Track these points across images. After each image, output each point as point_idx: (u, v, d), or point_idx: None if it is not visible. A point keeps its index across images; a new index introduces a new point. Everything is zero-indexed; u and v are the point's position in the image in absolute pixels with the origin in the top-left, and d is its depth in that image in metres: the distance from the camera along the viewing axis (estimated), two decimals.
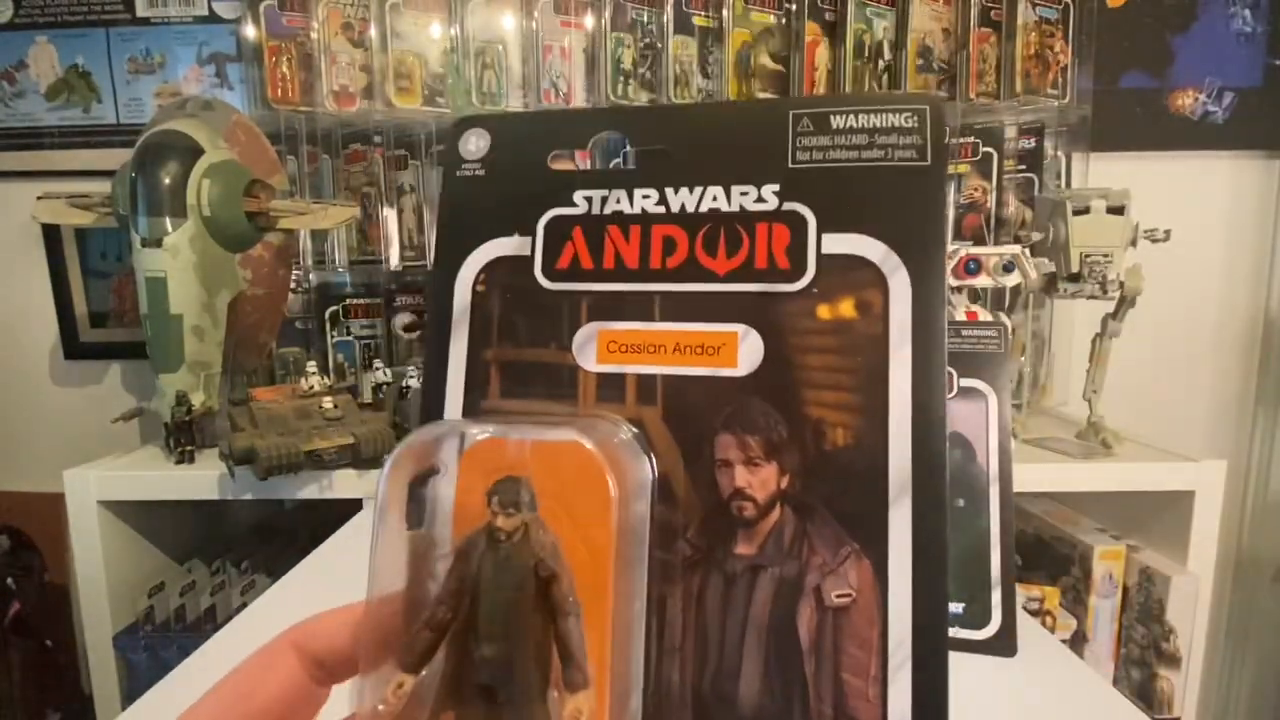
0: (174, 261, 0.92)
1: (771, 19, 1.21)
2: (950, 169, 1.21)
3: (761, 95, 1.21)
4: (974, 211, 1.22)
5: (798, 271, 0.22)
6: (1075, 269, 0.92)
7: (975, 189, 1.22)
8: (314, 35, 1.16)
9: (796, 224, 0.22)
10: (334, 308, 1.24)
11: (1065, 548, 1.01)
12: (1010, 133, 1.23)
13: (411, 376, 1.05)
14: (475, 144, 0.25)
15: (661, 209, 0.23)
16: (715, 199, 0.23)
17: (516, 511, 0.18)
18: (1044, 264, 0.95)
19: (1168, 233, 0.93)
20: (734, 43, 1.19)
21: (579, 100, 1.21)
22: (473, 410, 0.23)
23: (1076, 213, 0.92)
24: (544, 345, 0.23)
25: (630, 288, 0.23)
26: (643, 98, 1.20)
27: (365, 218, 1.22)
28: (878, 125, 0.22)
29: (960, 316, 0.87)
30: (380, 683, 0.18)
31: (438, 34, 1.18)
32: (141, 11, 1.22)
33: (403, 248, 1.24)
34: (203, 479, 0.93)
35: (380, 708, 0.18)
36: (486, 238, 0.24)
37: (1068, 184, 1.24)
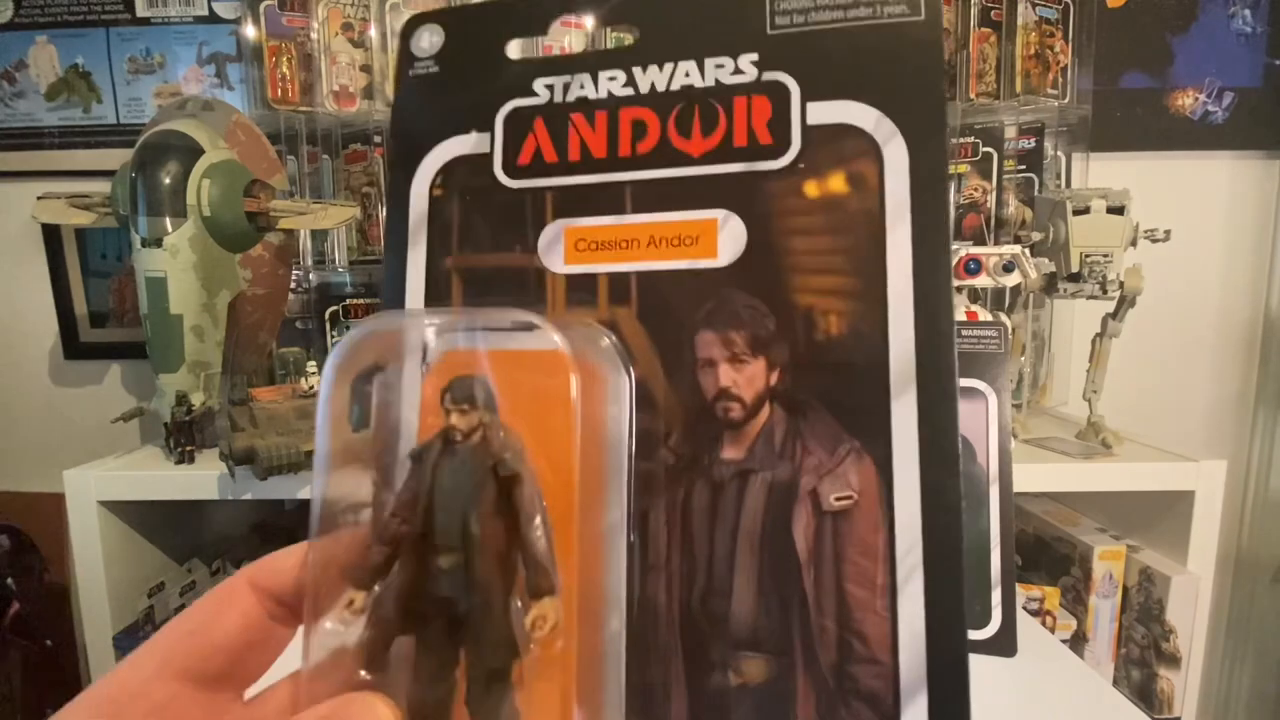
0: (174, 261, 0.92)
1: None
2: (950, 169, 1.21)
3: None
4: (974, 211, 1.22)
5: (781, 146, 0.20)
6: (1075, 269, 0.92)
7: (975, 189, 1.22)
8: (314, 35, 1.16)
9: (778, 95, 0.20)
10: (334, 308, 1.24)
11: (1065, 548, 1.01)
12: (1010, 133, 1.23)
13: None
14: (429, 40, 0.23)
15: (629, 91, 0.21)
16: (688, 75, 0.21)
17: (472, 408, 0.16)
18: (1044, 264, 0.95)
19: (1168, 233, 0.93)
20: None
21: None
22: None
23: (1076, 213, 0.92)
24: (508, 248, 0.21)
25: (598, 179, 0.21)
26: None
27: (365, 218, 1.22)
28: None
29: (960, 316, 0.87)
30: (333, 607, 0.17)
31: None
32: (141, 11, 1.22)
33: None
34: (203, 479, 0.93)
35: (328, 625, 0.16)
36: (442, 138, 0.22)
37: (1068, 184, 1.23)
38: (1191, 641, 0.92)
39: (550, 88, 0.22)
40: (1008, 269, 0.89)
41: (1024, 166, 1.23)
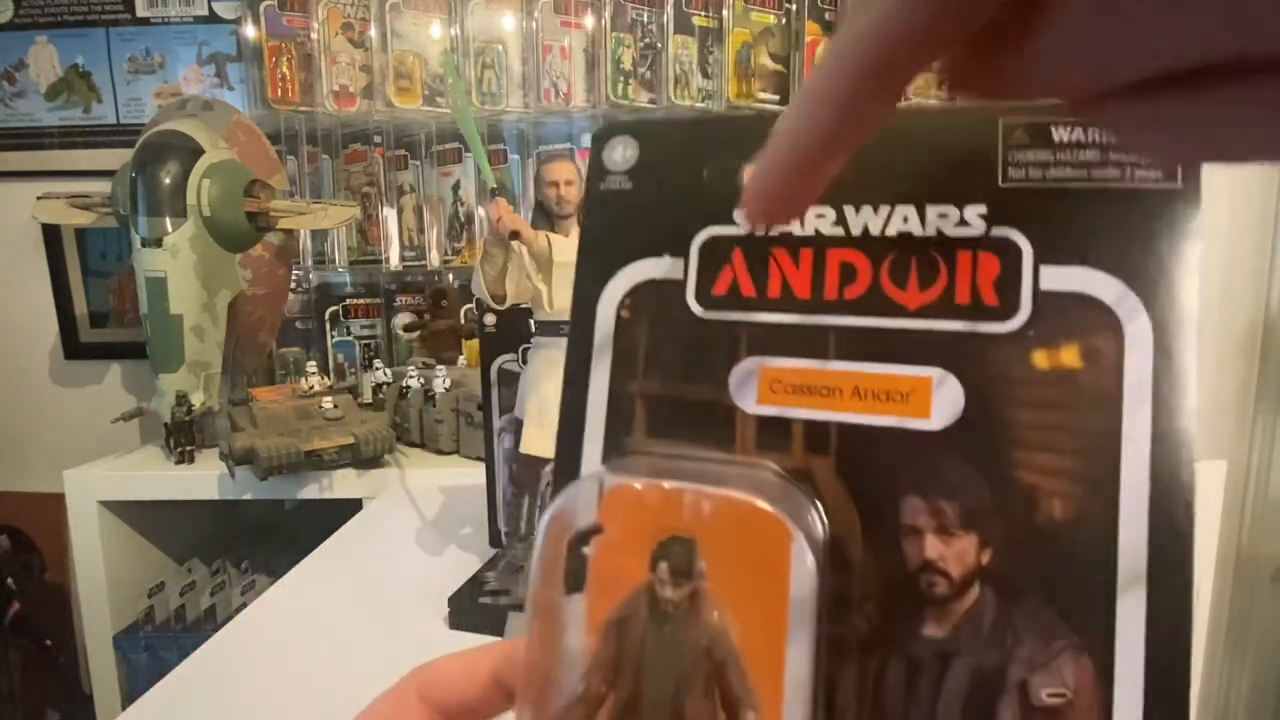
0: (174, 261, 0.92)
1: (771, 19, 1.21)
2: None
3: (962, 102, 1.21)
4: None
5: (1009, 309, 0.18)
6: None
7: None
8: (314, 35, 1.16)
9: (1008, 253, 0.18)
10: (334, 308, 1.24)
11: None
12: None
13: (411, 376, 1.05)
14: (622, 154, 0.22)
15: (839, 230, 0.20)
16: (906, 220, 0.19)
17: (687, 581, 0.16)
18: None
19: None
20: (734, 43, 1.19)
21: (579, 100, 1.21)
22: (615, 448, 0.21)
23: None
24: (696, 381, 0.20)
25: (799, 319, 0.20)
26: (642, 98, 1.20)
27: (365, 218, 1.22)
28: (1113, 139, 0.18)
29: None
30: None
31: (438, 34, 1.19)
32: (141, 11, 1.22)
33: (403, 248, 1.24)
34: (203, 479, 0.93)
35: None
36: (633, 258, 0.21)
37: None
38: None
39: None
40: None
41: None
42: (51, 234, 1.26)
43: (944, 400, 0.18)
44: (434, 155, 1.22)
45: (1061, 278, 0.18)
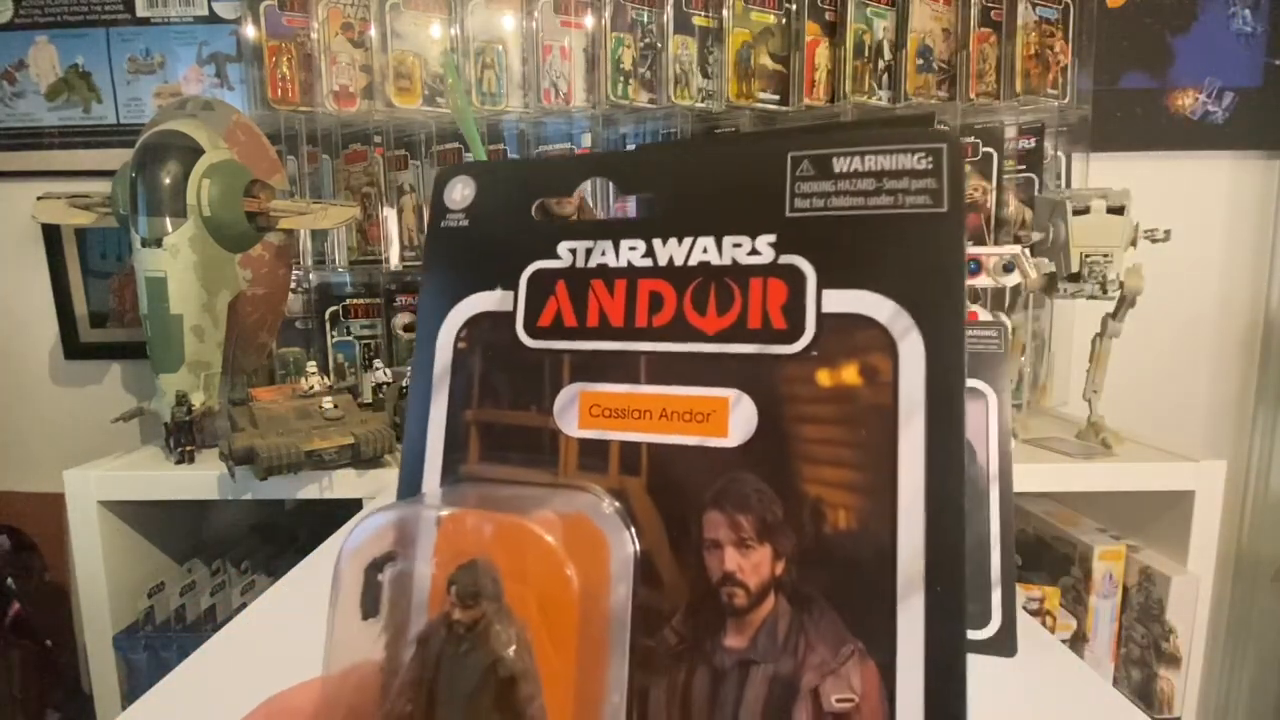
0: (174, 261, 0.92)
1: (771, 19, 1.21)
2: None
3: (758, 130, 1.21)
4: (974, 211, 1.22)
5: (795, 332, 0.19)
6: (1075, 269, 0.92)
7: (975, 189, 1.22)
8: (314, 35, 1.16)
9: (794, 279, 0.20)
10: (334, 308, 1.24)
11: (1065, 548, 1.01)
12: (1010, 133, 1.23)
13: None
14: (460, 193, 0.23)
15: (648, 262, 0.21)
16: (705, 251, 0.21)
17: (475, 604, 0.16)
18: (1044, 264, 0.95)
19: (1168, 233, 0.93)
20: (734, 43, 1.19)
21: (579, 100, 1.21)
22: (451, 473, 0.22)
23: (1076, 213, 0.92)
24: (524, 407, 0.21)
25: (614, 346, 0.21)
26: (643, 98, 1.20)
27: (365, 218, 1.22)
28: (886, 168, 0.19)
29: None
30: None
31: (438, 34, 1.19)
32: (141, 11, 1.22)
33: (403, 248, 1.24)
34: (203, 479, 0.93)
35: None
36: (469, 292, 0.23)
37: (1068, 184, 1.23)
38: (1191, 641, 0.92)
39: (573, 252, 0.22)
40: (1008, 269, 0.89)
41: (1024, 166, 1.23)
42: (51, 234, 1.27)
43: (740, 419, 0.19)
44: (434, 155, 1.22)
45: (841, 300, 0.19)
